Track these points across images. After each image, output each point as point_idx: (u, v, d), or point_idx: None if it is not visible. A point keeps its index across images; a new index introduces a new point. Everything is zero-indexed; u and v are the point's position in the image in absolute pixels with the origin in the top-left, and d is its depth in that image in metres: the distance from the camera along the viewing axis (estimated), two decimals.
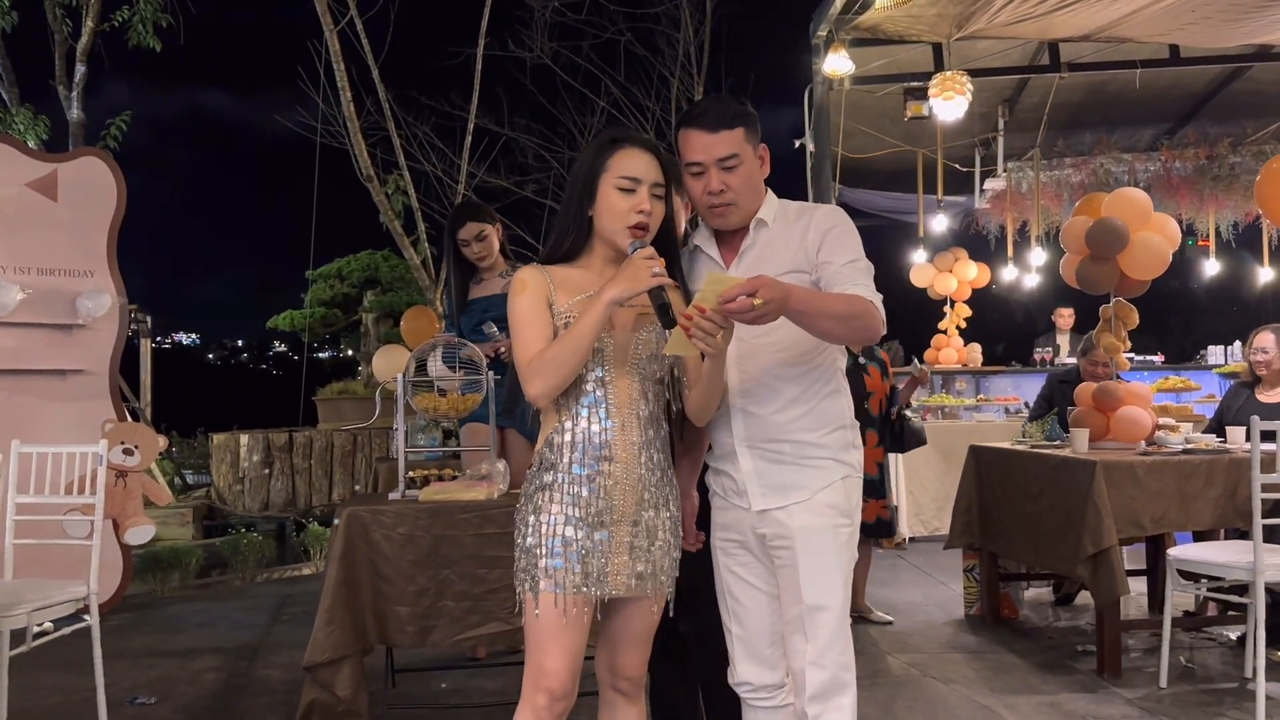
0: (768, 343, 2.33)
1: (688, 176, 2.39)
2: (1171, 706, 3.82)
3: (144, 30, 9.15)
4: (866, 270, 2.33)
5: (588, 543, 2.14)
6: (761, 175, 2.43)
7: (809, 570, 2.29)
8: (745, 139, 2.36)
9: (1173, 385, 8.09)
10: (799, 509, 2.31)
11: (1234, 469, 4.22)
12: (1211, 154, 8.95)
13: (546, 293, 2.18)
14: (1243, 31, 6.19)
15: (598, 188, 2.19)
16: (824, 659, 2.29)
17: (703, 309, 2.01)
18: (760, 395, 2.35)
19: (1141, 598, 5.27)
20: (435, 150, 10.35)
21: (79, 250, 5.49)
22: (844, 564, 2.33)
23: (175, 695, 4.18)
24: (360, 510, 3.46)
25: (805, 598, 2.29)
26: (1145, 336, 8.70)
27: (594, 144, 2.26)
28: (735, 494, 2.39)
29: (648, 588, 2.19)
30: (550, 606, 2.12)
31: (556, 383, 2.11)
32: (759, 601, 2.40)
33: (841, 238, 2.34)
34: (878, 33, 6.78)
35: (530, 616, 2.15)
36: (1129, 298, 4.94)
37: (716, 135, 2.33)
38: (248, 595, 6.30)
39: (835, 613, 2.29)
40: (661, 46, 11.07)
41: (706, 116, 2.34)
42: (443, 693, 4.14)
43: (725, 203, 2.36)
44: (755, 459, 2.36)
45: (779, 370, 2.35)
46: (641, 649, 2.27)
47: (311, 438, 8.72)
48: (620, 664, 2.27)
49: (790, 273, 2.31)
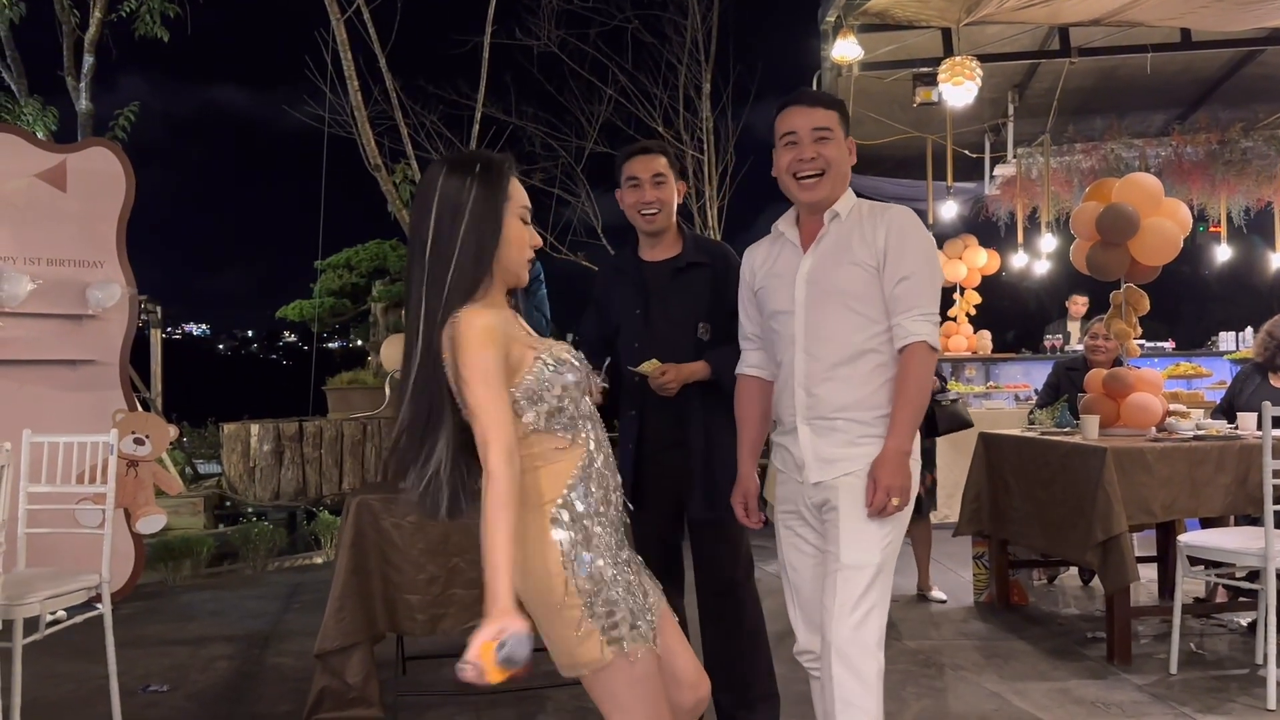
0: (831, 332, 2.50)
1: (779, 150, 2.58)
2: (1181, 693, 3.81)
3: (151, 21, 9.15)
4: (925, 287, 2.47)
5: (633, 576, 2.03)
6: (848, 164, 2.59)
7: (848, 531, 2.42)
8: (839, 122, 2.57)
9: (1184, 371, 8.06)
10: (847, 478, 2.46)
11: (1245, 455, 4.20)
12: (1223, 139, 8.89)
13: (506, 348, 1.95)
14: (1254, 15, 6.14)
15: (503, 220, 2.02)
16: (845, 617, 2.36)
17: (644, 375, 2.29)
18: (822, 378, 2.51)
19: (1151, 584, 5.26)
20: (443, 139, 10.34)
21: (88, 241, 5.51)
22: (884, 531, 2.43)
23: (187, 683, 4.21)
24: (370, 499, 3.47)
25: (842, 556, 2.41)
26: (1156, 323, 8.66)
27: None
28: (795, 468, 2.56)
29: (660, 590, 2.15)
30: (648, 659, 1.97)
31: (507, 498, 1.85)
32: (812, 569, 2.56)
33: (906, 246, 2.48)
34: (886, 18, 6.74)
35: (620, 681, 1.97)
36: (1140, 284, 4.91)
37: (814, 109, 2.55)
38: (259, 584, 6.33)
39: (867, 574, 2.39)
40: (669, 34, 11.02)
41: (805, 95, 2.59)
42: (453, 681, 4.15)
43: (816, 171, 2.53)
44: (813, 435, 2.52)
45: (839, 356, 2.50)
46: (693, 656, 2.19)
47: (322, 427, 8.74)
48: (688, 678, 2.14)
49: (856, 265, 2.49)
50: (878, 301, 2.49)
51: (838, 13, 6.92)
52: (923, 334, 2.44)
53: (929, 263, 2.51)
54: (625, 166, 3.17)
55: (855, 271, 2.50)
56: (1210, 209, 9.64)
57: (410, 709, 3.81)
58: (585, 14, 10.82)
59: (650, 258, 3.21)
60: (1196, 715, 3.57)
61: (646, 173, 3.12)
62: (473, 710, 3.78)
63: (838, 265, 2.52)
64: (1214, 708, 3.65)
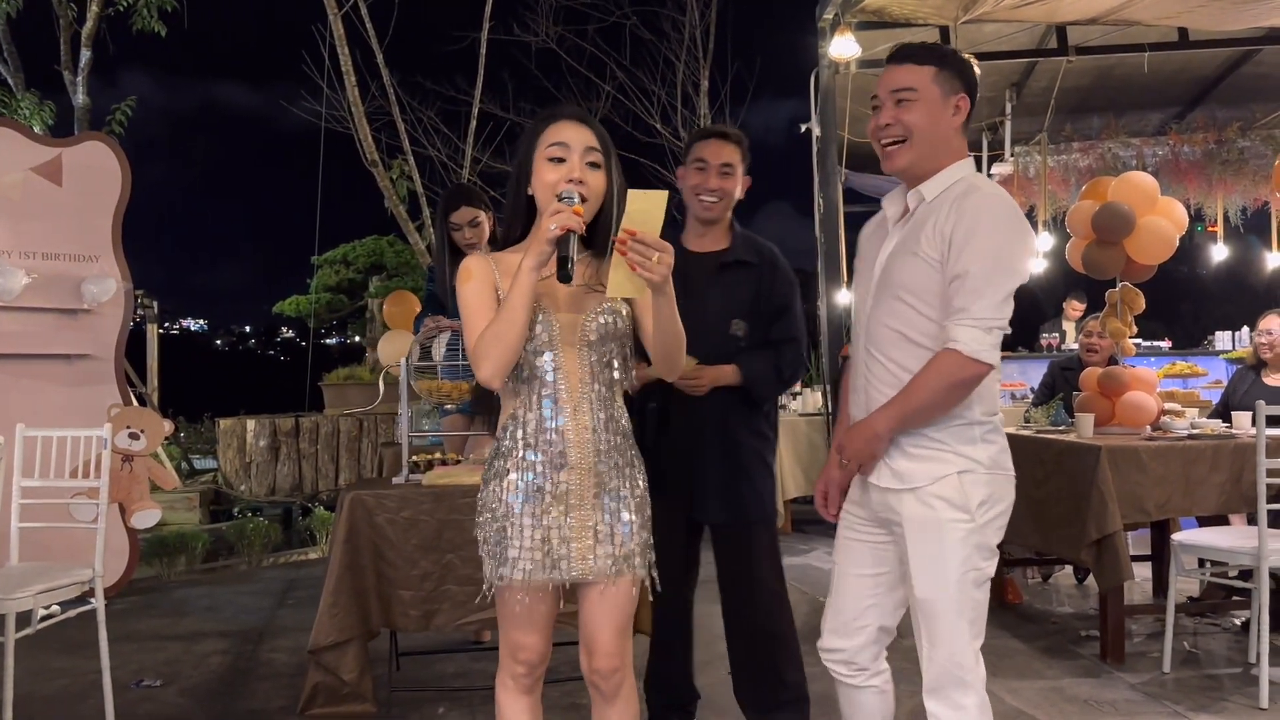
0: (893, 329, 2.28)
1: (873, 117, 2.31)
2: (1175, 691, 3.82)
3: (149, 15, 9.14)
4: (983, 287, 2.14)
5: (548, 527, 2.13)
6: (949, 125, 2.25)
7: (918, 561, 2.24)
8: (934, 79, 2.24)
9: (1180, 371, 8.07)
10: (910, 496, 2.26)
11: (1239, 454, 4.20)
12: (1220, 138, 8.89)
13: (492, 279, 2.15)
14: (1251, 14, 6.14)
15: (533, 165, 2.15)
16: (935, 654, 2.26)
17: (633, 232, 1.94)
18: (884, 379, 2.29)
19: (1146, 583, 5.27)
20: (440, 135, 10.36)
21: (84, 235, 5.49)
22: (959, 559, 2.21)
23: (181, 678, 4.20)
24: (364, 494, 3.47)
25: (916, 589, 2.26)
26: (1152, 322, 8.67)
27: (528, 126, 2.23)
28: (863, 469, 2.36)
29: (614, 570, 2.16)
30: (517, 593, 2.14)
31: (501, 359, 2.05)
32: (857, 574, 2.41)
33: (973, 239, 2.15)
34: (884, 16, 6.73)
35: (500, 601, 2.19)
36: (1136, 282, 4.91)
37: (901, 68, 2.25)
38: (254, 579, 6.33)
39: (944, 608, 2.22)
40: (667, 30, 11.04)
41: (900, 51, 2.27)
42: (447, 676, 4.16)
43: (892, 138, 2.26)
44: None
45: (901, 358, 2.27)
46: (611, 632, 2.20)
47: (318, 423, 8.75)
48: (593, 648, 2.21)
49: (918, 256, 2.23)
50: (939, 300, 2.21)
51: (835, 10, 6.93)
52: (960, 341, 2.14)
53: (996, 260, 2.15)
54: (695, 147, 3.05)
55: (916, 265, 2.22)
56: (1207, 208, 9.64)
57: (403, 705, 3.80)
58: (583, 10, 10.85)
59: (696, 248, 3.09)
60: (1190, 714, 3.58)
61: (715, 159, 3.00)
62: (466, 706, 3.78)
63: (904, 255, 2.26)
64: (1207, 706, 3.65)
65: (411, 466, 3.68)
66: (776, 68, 15.19)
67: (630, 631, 2.26)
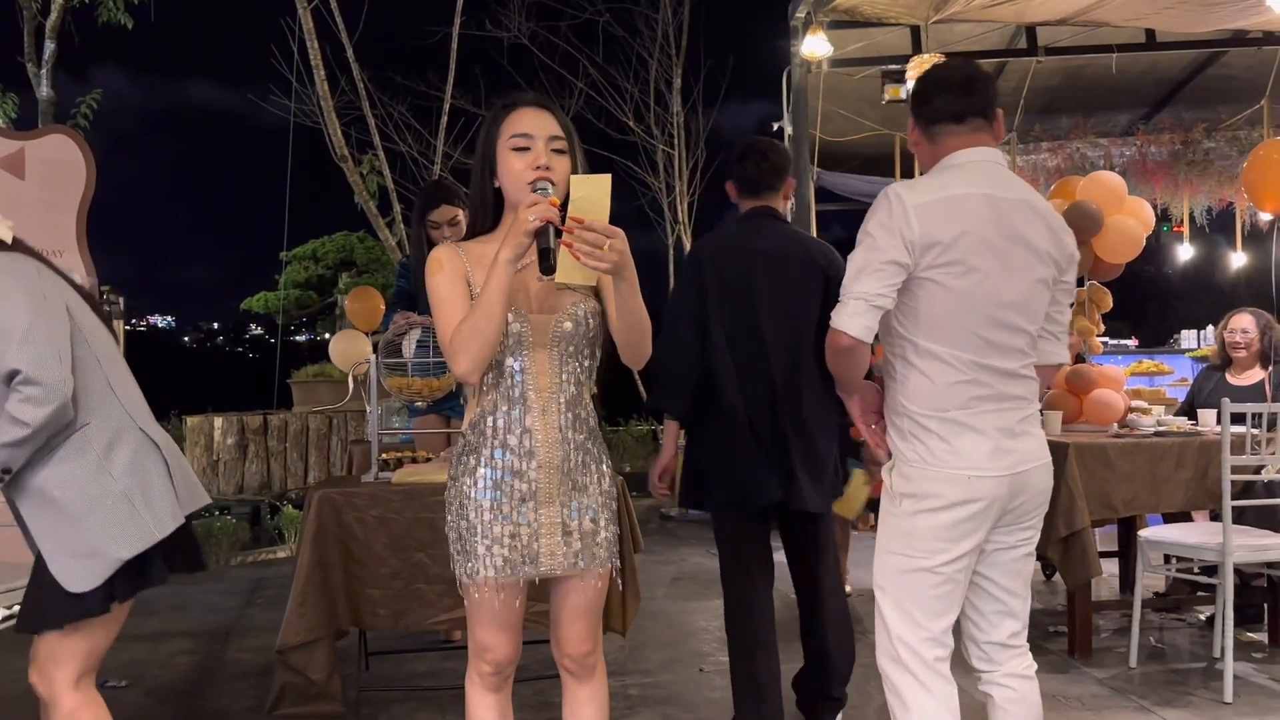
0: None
1: None
2: (1141, 686, 3.86)
3: (115, 7, 9.00)
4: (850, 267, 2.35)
5: (516, 524, 2.12)
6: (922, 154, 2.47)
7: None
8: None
9: (1146, 369, 8.14)
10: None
11: (1204, 451, 4.25)
12: (1186, 139, 8.98)
13: (463, 270, 2.13)
14: (1217, 17, 6.21)
15: (496, 155, 2.14)
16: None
17: (580, 220, 1.91)
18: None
19: (1113, 579, 5.31)
20: (411, 130, 10.28)
21: (48, 229, 5.40)
22: (882, 546, 2.47)
23: (146, 679, 4.15)
24: (332, 493, 3.44)
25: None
26: (1119, 321, 8.76)
27: (488, 116, 2.19)
28: None
29: (583, 564, 2.17)
30: (485, 590, 2.14)
31: (479, 354, 2.03)
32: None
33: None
34: (856, 15, 6.75)
35: (469, 598, 2.18)
36: (1103, 281, 4.96)
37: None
38: (221, 578, 6.26)
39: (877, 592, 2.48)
40: (640, 28, 11.03)
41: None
42: (417, 675, 4.13)
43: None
44: None
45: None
46: (583, 625, 2.23)
47: (286, 420, 8.67)
48: (564, 639, 2.24)
49: None
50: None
51: (808, 9, 6.94)
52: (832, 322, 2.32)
53: (860, 243, 2.33)
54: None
55: None
56: (1173, 208, 9.74)
57: (373, 704, 3.78)
58: (556, 6, 10.80)
59: None
60: (1156, 709, 3.62)
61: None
62: (435, 706, 3.76)
63: None
64: (1173, 701, 3.69)
65: (381, 464, 3.65)
66: (749, 66, 15.21)
67: (600, 620, 2.29)
